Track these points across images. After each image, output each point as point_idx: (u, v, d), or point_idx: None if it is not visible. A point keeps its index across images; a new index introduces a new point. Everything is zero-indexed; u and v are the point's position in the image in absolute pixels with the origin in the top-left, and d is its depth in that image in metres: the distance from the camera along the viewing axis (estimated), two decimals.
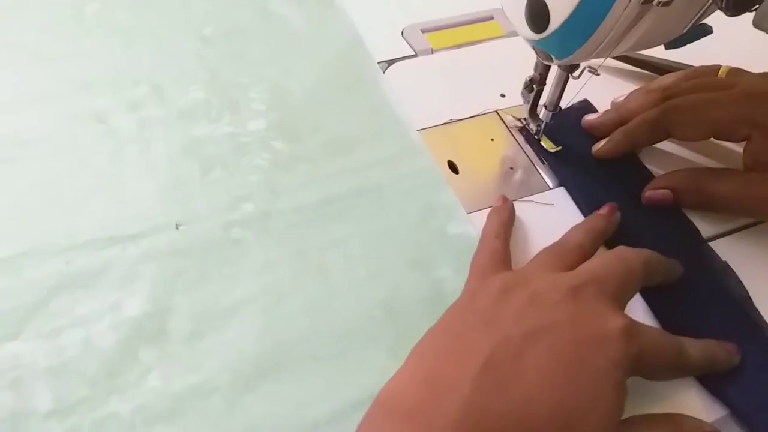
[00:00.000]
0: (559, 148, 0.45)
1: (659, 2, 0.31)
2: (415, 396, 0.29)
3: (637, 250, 0.35)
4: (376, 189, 0.43)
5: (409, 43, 0.52)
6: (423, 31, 0.53)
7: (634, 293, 0.35)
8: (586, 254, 0.36)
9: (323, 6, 0.54)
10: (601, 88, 0.48)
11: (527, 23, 0.35)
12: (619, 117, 0.44)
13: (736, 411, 0.34)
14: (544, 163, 0.45)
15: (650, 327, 0.33)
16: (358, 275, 0.39)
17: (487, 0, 0.55)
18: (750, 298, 0.38)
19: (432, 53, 0.52)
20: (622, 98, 0.47)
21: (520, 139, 0.46)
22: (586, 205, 0.42)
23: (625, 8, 0.32)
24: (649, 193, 0.42)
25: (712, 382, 0.35)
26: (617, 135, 0.43)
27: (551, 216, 0.42)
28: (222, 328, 0.36)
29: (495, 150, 0.46)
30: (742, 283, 0.39)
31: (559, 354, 0.29)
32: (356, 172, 0.43)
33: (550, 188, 0.44)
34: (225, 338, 0.35)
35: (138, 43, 0.49)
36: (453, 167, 0.45)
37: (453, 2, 0.55)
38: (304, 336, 0.36)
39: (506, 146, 0.46)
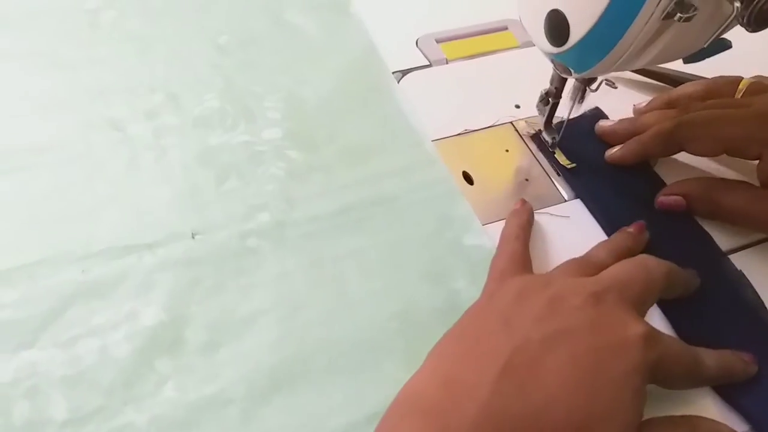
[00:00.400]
0: (573, 164, 0.44)
1: (680, 17, 0.31)
2: (433, 397, 0.29)
3: (659, 259, 0.35)
4: (392, 199, 0.43)
5: (423, 53, 0.52)
6: (437, 41, 0.53)
7: (654, 301, 0.35)
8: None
9: (338, 15, 0.54)
10: (617, 101, 0.48)
11: (546, 37, 0.35)
12: (634, 128, 0.45)
13: (753, 422, 0.34)
14: (559, 175, 0.45)
15: (669, 336, 0.33)
16: (374, 286, 0.38)
17: (501, 10, 0.55)
18: (765, 307, 0.38)
19: (446, 63, 0.52)
20: (644, 104, 0.47)
21: (535, 150, 0.46)
22: (603, 218, 0.42)
23: (646, 23, 0.32)
24: (661, 198, 0.42)
25: (730, 392, 0.34)
26: (632, 143, 0.44)
27: (567, 228, 0.42)
28: (238, 339, 0.36)
29: (510, 161, 0.46)
30: (757, 292, 0.39)
31: (579, 359, 0.29)
32: (371, 182, 0.43)
33: (566, 200, 0.43)
34: (241, 349, 0.35)
35: (153, 51, 0.49)
36: (468, 178, 0.44)
37: (467, 12, 0.55)
38: (319, 347, 0.36)
39: (521, 157, 0.46)
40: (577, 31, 0.33)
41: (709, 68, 0.43)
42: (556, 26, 0.34)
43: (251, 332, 0.36)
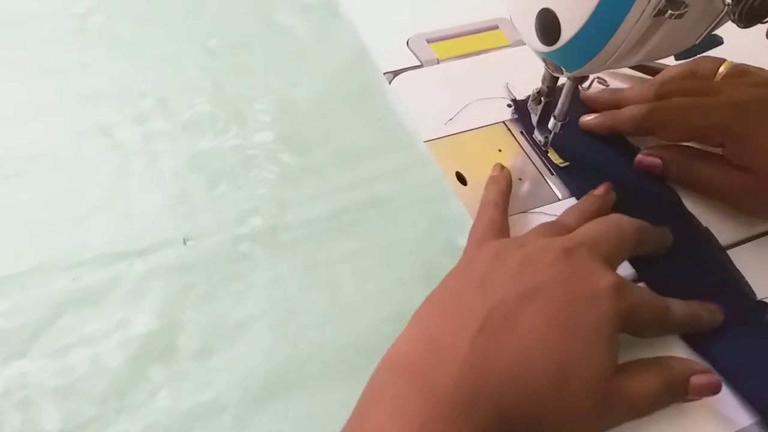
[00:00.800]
0: (566, 163, 0.44)
1: (672, 15, 0.31)
2: (418, 356, 0.31)
3: (630, 218, 0.37)
4: (385, 201, 0.42)
5: (414, 54, 0.52)
6: (428, 41, 0.53)
7: (626, 257, 0.37)
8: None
9: (328, 17, 0.53)
10: None
11: (538, 36, 0.35)
12: (612, 100, 0.47)
13: (720, 369, 0.35)
14: (553, 174, 0.45)
15: (638, 286, 0.36)
16: (368, 289, 0.38)
17: (492, 9, 0.55)
18: (731, 262, 0.40)
19: (438, 63, 0.51)
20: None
21: (528, 149, 0.46)
22: None
23: (638, 21, 0.31)
24: (640, 157, 0.44)
25: (698, 341, 0.36)
26: (606, 117, 0.46)
27: None
28: (231, 345, 0.35)
29: (503, 161, 0.45)
30: (723, 248, 0.41)
31: (553, 312, 0.31)
32: (364, 185, 0.43)
33: (560, 199, 0.43)
34: (234, 355, 0.35)
35: (142, 55, 0.49)
36: (461, 179, 0.44)
37: (458, 12, 0.55)
38: (314, 352, 0.36)
39: (514, 157, 0.46)
40: (568, 29, 0.33)
41: None
42: (547, 25, 0.34)
43: (245, 338, 0.36)
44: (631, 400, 0.31)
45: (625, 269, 0.40)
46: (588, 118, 0.46)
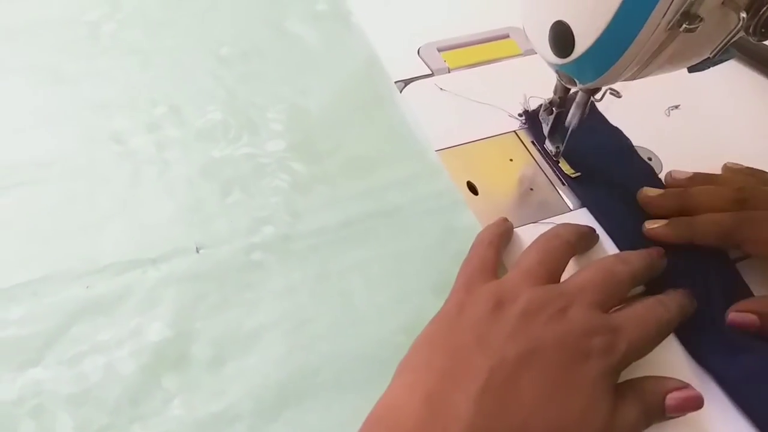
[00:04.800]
0: (578, 173, 0.44)
1: (686, 28, 0.31)
2: (414, 413, 0.30)
3: (626, 260, 0.36)
4: (396, 211, 0.42)
5: (425, 62, 0.52)
6: (439, 50, 0.53)
7: (623, 299, 0.36)
8: (573, 250, 0.38)
9: (339, 25, 0.54)
10: (621, 110, 0.48)
11: (551, 48, 0.35)
12: (681, 206, 0.41)
13: (720, 381, 0.36)
14: (564, 184, 0.45)
15: (631, 320, 0.34)
16: (380, 299, 0.38)
17: (502, 18, 0.55)
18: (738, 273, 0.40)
19: (449, 72, 0.52)
20: (684, 177, 0.44)
21: (540, 159, 0.46)
22: (611, 227, 0.42)
23: (652, 34, 0.31)
24: (732, 315, 0.38)
25: (698, 354, 0.37)
26: (681, 226, 0.40)
27: None
28: (244, 354, 0.36)
29: (514, 170, 0.45)
30: (731, 261, 0.41)
31: (550, 374, 0.31)
32: (375, 194, 0.43)
33: (571, 209, 0.43)
34: (247, 364, 0.35)
35: (155, 63, 0.49)
36: (472, 188, 0.44)
37: (469, 21, 0.55)
38: (327, 362, 0.36)
39: (525, 166, 0.46)
40: (583, 42, 0.33)
41: (713, 77, 0.43)
42: (561, 37, 0.34)
43: (257, 347, 0.36)
44: None
45: None
46: (654, 226, 0.40)
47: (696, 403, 0.33)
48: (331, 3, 0.55)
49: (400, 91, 0.50)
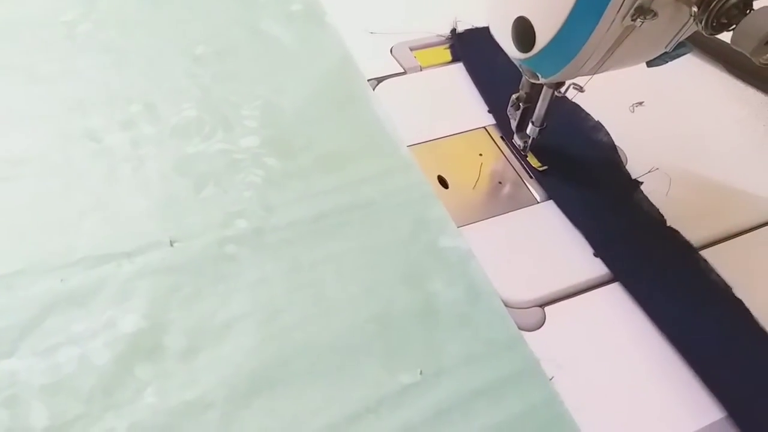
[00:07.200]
0: (545, 167, 0.46)
1: (641, 22, 0.32)
2: None
3: None
4: (368, 204, 0.43)
5: (398, 61, 0.53)
6: (411, 49, 0.54)
7: None
8: None
9: (313, 25, 0.55)
10: (586, 106, 0.49)
11: (514, 43, 0.36)
12: None
13: (692, 362, 0.37)
14: (531, 178, 0.46)
15: None
16: (352, 289, 0.39)
17: (472, 18, 0.56)
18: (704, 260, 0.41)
19: (420, 70, 0.53)
20: None
21: (508, 153, 0.47)
22: (575, 218, 0.43)
23: (608, 29, 0.33)
24: None
25: (673, 336, 0.38)
26: None
27: (540, 228, 0.43)
28: (217, 344, 0.36)
29: (483, 165, 0.46)
30: (696, 249, 0.42)
31: None
32: (348, 188, 0.44)
33: (538, 202, 0.44)
34: (220, 354, 0.36)
35: (130, 62, 0.50)
36: (443, 182, 0.45)
37: (440, 21, 0.56)
38: (299, 351, 0.36)
39: (494, 161, 0.47)
40: (543, 37, 0.34)
41: (675, 73, 0.44)
42: (523, 33, 0.35)
43: (230, 337, 0.36)
44: None
45: (600, 269, 0.41)
46: None
47: None
48: (306, 3, 0.56)
49: (373, 89, 0.51)
